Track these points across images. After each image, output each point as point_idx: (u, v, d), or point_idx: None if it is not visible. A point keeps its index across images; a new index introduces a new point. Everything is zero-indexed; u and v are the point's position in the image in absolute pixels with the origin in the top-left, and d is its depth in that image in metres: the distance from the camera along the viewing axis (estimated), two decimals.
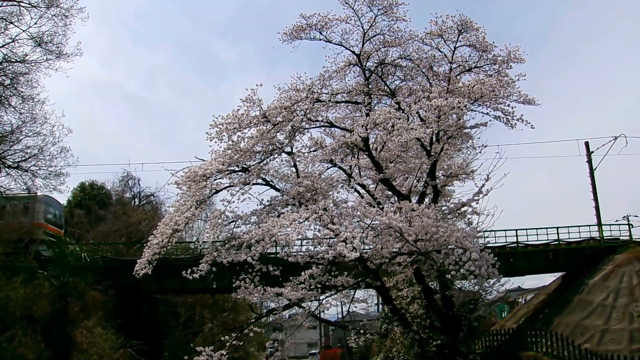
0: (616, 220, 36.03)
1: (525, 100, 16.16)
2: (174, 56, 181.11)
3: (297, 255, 13.74)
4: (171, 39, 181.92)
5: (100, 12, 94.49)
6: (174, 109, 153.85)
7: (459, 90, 16.02)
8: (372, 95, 17.39)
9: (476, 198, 18.05)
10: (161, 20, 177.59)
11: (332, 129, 17.18)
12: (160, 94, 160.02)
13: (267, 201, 15.50)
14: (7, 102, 29.27)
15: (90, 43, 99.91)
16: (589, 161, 39.49)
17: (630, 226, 34.92)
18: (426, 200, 17.05)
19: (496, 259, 12.78)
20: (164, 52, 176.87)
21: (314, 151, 16.18)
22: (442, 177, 17.62)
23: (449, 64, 17.28)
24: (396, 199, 16.87)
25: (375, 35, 17.14)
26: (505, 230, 33.92)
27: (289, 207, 14.60)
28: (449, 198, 18.03)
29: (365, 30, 16.92)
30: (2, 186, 29.83)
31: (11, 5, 28.92)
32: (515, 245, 34.90)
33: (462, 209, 17.57)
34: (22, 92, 29.57)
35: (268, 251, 13.70)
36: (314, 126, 16.23)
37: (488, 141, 17.03)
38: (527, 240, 35.36)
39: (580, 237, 34.78)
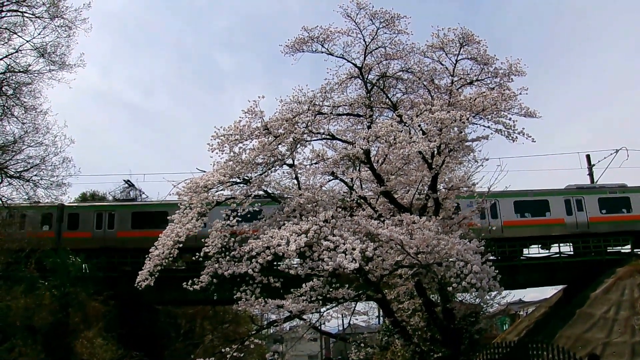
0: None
1: (526, 113, 16.11)
2: (174, 66, 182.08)
3: (297, 267, 13.72)
4: (171, 48, 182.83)
5: (100, 21, 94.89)
6: (174, 118, 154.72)
7: (460, 103, 16.04)
8: (374, 108, 17.42)
9: (477, 211, 18.08)
10: (162, 30, 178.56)
11: (334, 141, 17.17)
12: (161, 104, 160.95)
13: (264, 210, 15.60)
14: (9, 112, 29.46)
15: (91, 52, 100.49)
16: (591, 174, 39.61)
17: (631, 239, 34.94)
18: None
19: (497, 271, 12.76)
20: (164, 62, 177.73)
21: (315, 163, 16.16)
22: (444, 190, 17.61)
23: (450, 77, 17.31)
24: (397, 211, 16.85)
25: (376, 48, 17.21)
26: (506, 243, 33.92)
27: (290, 218, 14.57)
28: (450, 211, 18.01)
29: (367, 43, 17.00)
30: (4, 196, 29.92)
31: (15, 15, 29.16)
32: (517, 257, 34.92)
33: (464, 222, 17.60)
34: (24, 102, 29.80)
35: (269, 263, 13.65)
36: (315, 138, 16.23)
37: (489, 154, 17.05)
38: (529, 253, 35.41)
39: (581, 250, 34.79)
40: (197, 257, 14.57)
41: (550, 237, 34.78)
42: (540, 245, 35.43)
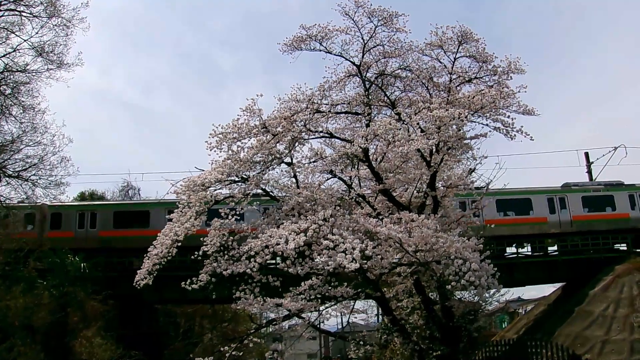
0: None
1: (524, 110, 16.08)
2: (173, 65, 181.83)
3: (296, 266, 13.70)
4: (171, 47, 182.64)
5: (99, 20, 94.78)
6: (173, 117, 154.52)
7: (459, 101, 16.01)
8: (372, 106, 17.36)
9: (476, 208, 18.08)
10: (161, 29, 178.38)
11: (332, 139, 17.16)
12: (160, 103, 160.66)
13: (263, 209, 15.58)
14: (7, 112, 29.42)
15: (89, 52, 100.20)
16: (589, 172, 39.62)
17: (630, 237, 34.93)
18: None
19: (496, 269, 12.76)
20: (163, 61, 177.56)
21: (314, 162, 16.14)
22: (442, 187, 17.60)
23: (449, 75, 17.28)
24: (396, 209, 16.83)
25: (375, 46, 17.14)
26: (505, 241, 33.92)
27: (289, 217, 14.54)
28: (448, 208, 18.00)
29: (365, 41, 16.94)
30: (2, 195, 29.90)
31: (13, 15, 29.12)
32: (515, 255, 34.91)
33: (462, 219, 17.59)
34: (22, 101, 29.75)
35: (268, 262, 13.62)
36: (313, 137, 16.19)
37: (488, 152, 16.97)
38: (527, 251, 35.41)
39: (580, 247, 34.78)
40: (195, 256, 14.56)
41: None
42: None
